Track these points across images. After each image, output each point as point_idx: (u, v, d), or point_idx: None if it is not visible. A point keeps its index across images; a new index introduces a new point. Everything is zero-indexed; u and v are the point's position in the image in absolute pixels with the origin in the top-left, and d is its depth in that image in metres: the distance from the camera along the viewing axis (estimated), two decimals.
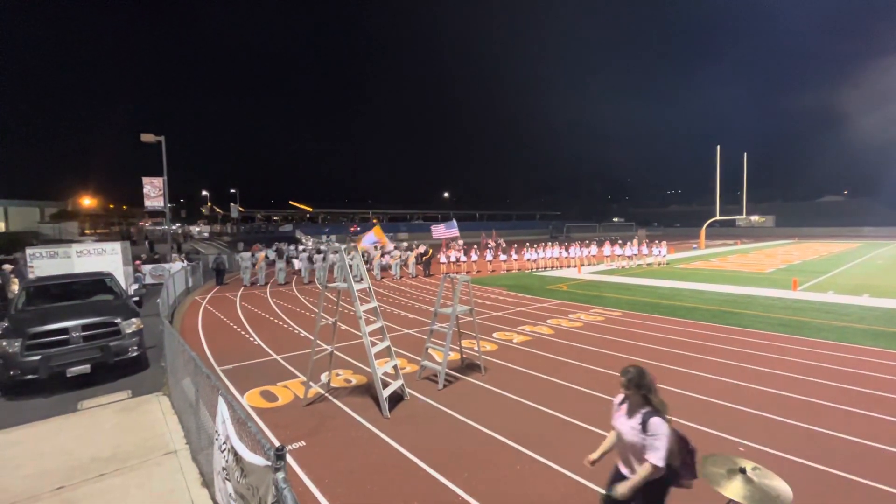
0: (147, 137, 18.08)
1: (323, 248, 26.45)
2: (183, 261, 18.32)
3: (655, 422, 2.41)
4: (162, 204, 19.42)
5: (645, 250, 22.98)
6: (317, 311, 6.08)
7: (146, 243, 34.75)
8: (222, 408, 2.89)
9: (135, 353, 7.17)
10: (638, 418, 2.50)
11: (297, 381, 6.56)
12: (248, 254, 18.90)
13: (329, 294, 13.34)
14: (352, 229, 64.16)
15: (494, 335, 9.07)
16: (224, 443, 2.77)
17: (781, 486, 2.16)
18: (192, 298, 14.98)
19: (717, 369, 6.75)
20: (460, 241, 23.94)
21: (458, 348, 7.37)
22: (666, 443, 2.37)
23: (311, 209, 71.96)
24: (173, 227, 48.03)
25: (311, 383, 5.89)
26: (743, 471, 2.24)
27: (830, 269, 19.43)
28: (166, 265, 18.45)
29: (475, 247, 22.76)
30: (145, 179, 19.20)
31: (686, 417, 5.09)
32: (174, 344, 5.39)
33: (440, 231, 25.26)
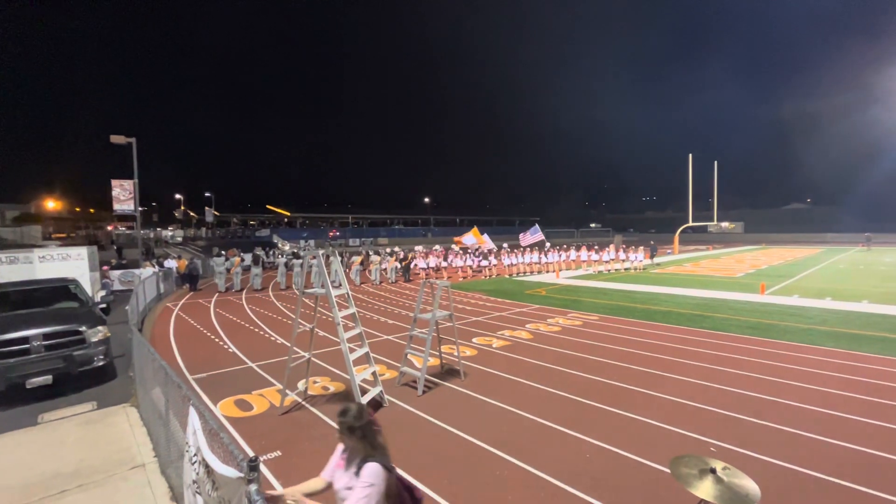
0: (117, 139, 17.49)
1: (302, 253, 26.06)
2: (154, 266, 17.72)
3: (370, 468, 2.06)
4: (132, 207, 18.79)
5: (622, 255, 23.47)
6: (294, 317, 5.97)
7: (114, 248, 33.54)
8: (193, 418, 2.80)
9: (101, 363, 6.88)
10: (354, 468, 2.11)
11: (272, 390, 6.41)
12: (223, 258, 18.45)
13: (307, 300, 13.10)
14: (331, 234, 63.51)
15: (474, 340, 9.09)
16: (195, 455, 2.68)
17: (750, 486, 2.22)
18: (163, 305, 14.51)
19: (689, 371, 6.93)
20: (438, 247, 23.97)
21: (437, 354, 7.35)
22: (375, 493, 2.01)
23: (288, 213, 70.93)
24: (144, 232, 46.52)
25: (287, 391, 5.77)
26: (713, 471, 2.30)
27: (795, 274, 20.24)
28: (136, 271, 17.83)
29: (465, 252, 22.79)
30: (115, 182, 18.55)
31: (660, 419, 5.20)
32: (143, 352, 5.21)
33: (526, 238, 25.52)
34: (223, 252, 20.22)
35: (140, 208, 19.97)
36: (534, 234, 23.46)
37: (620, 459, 4.35)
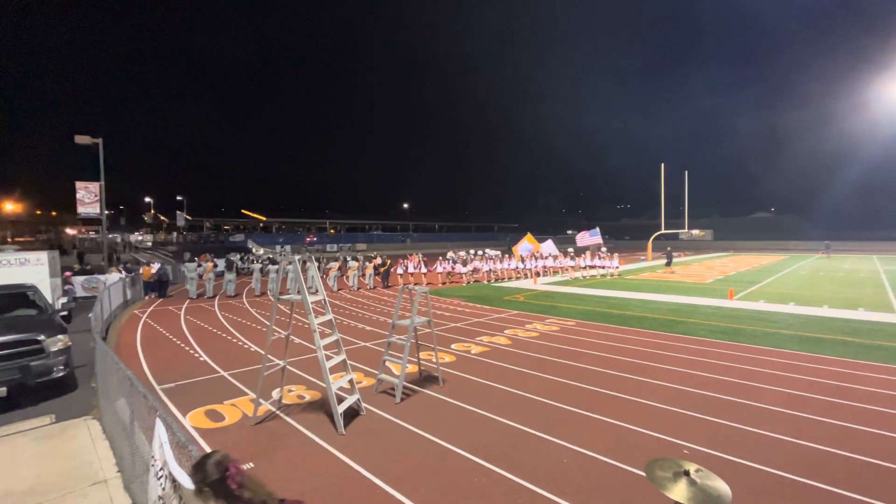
0: (82, 139, 16.85)
1: (277, 258, 25.55)
2: (121, 272, 17.03)
3: None
4: (98, 210, 18.07)
5: (598, 262, 23.92)
6: (268, 323, 5.83)
7: (75, 254, 32.06)
8: (160, 430, 2.68)
9: (60, 374, 6.55)
10: None
11: (246, 399, 6.22)
12: (195, 264, 17.91)
13: (282, 306, 12.76)
14: (308, 240, 62.56)
15: (453, 346, 9.07)
16: (161, 469, 2.56)
17: (722, 487, 2.27)
18: (130, 312, 13.95)
19: (663, 375, 7.08)
20: (419, 253, 23.93)
21: (416, 360, 7.30)
22: None
23: (264, 218, 69.54)
24: (112, 236, 44.75)
25: (261, 400, 5.61)
26: (687, 473, 2.34)
27: (761, 280, 21.05)
28: (101, 276, 17.10)
29: (442, 259, 22.76)
30: (79, 184, 17.82)
31: (635, 423, 5.28)
32: (107, 362, 4.98)
33: (584, 238, 25.37)
34: (195, 257, 19.65)
35: (106, 211, 19.22)
36: (592, 237, 23.59)
37: (597, 463, 4.40)
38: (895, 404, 5.78)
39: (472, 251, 26.79)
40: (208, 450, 4.80)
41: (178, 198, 58.65)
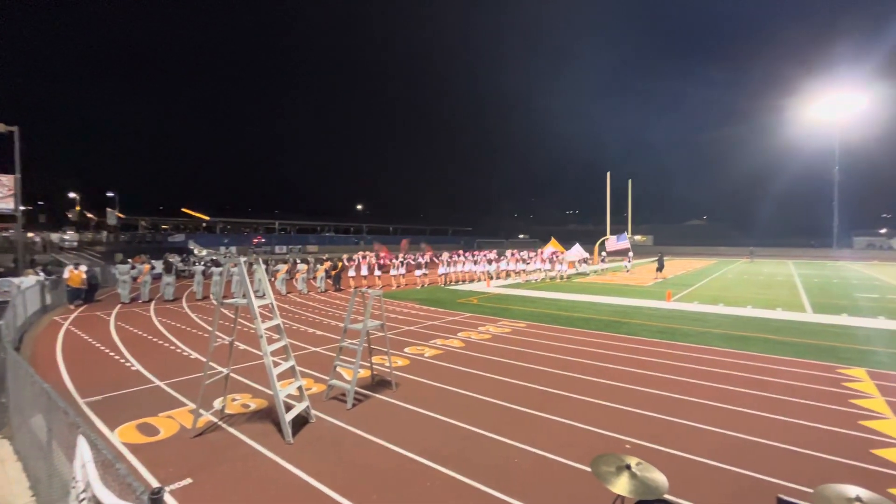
0: None
1: (222, 260, 24.26)
2: (38, 274, 15.44)
3: None
4: (13, 206, 16.32)
5: (548, 265, 24.71)
6: (211, 329, 5.51)
7: None
8: (82, 448, 2.45)
9: None
10: None
11: (184, 410, 5.83)
12: (128, 266, 16.62)
13: (226, 311, 12.16)
14: (255, 241, 59.92)
15: (406, 350, 9.01)
16: (83, 491, 2.34)
17: (659, 478, 2.41)
18: (49, 319, 12.69)
19: (608, 374, 7.42)
20: (371, 255, 23.60)
21: (368, 365, 7.17)
22: None
23: (207, 218, 65.76)
24: (29, 235, 40.53)
25: (201, 411, 5.27)
26: (629, 467, 2.47)
27: (695, 283, 22.65)
28: (15, 279, 15.41)
29: (399, 259, 22.53)
30: None
31: (582, 420, 5.50)
32: (20, 374, 4.49)
33: (613, 244, 25.08)
34: (128, 259, 18.21)
35: (22, 207, 17.40)
36: (620, 241, 23.86)
37: (546, 461, 4.52)
38: (808, 395, 6.41)
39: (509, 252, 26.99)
40: (140, 468, 4.46)
41: (109, 194, 54.15)
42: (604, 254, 28.88)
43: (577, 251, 24.44)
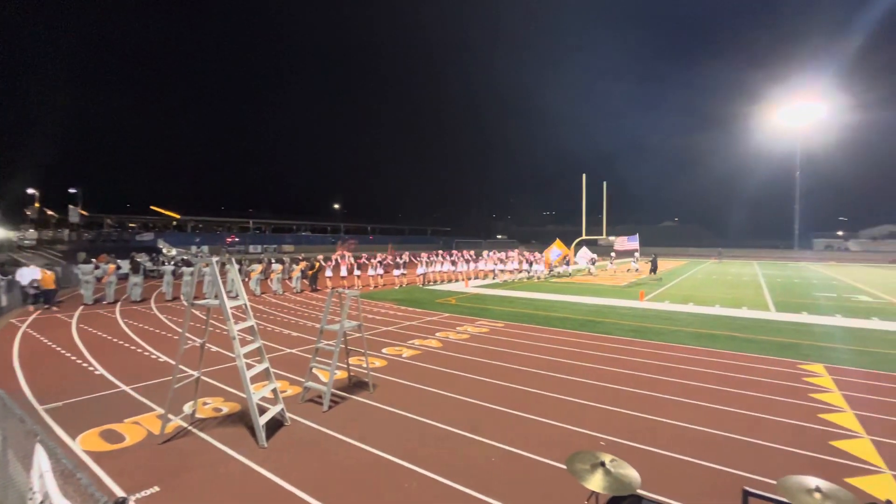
0: None
1: (193, 259, 23.54)
2: None
3: None
4: None
5: (526, 266, 24.98)
6: (181, 331, 5.33)
7: None
8: (40, 457, 2.33)
9: None
10: None
11: (152, 416, 5.63)
12: (91, 265, 15.94)
13: (197, 312, 11.82)
14: (229, 240, 58.43)
15: (384, 351, 8.94)
16: (42, 502, 2.22)
17: (632, 474, 2.47)
18: (5, 322, 12.03)
19: (583, 373, 7.56)
20: (351, 256, 23.37)
21: (345, 366, 7.09)
22: None
23: (178, 216, 63.73)
24: None
25: (170, 416, 5.10)
26: (603, 464, 2.51)
27: (666, 283, 23.32)
28: None
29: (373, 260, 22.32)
30: None
31: (557, 419, 5.57)
32: None
33: (623, 243, 24.99)
34: (92, 258, 17.46)
35: None
36: (631, 241, 24.11)
37: (523, 460, 4.57)
38: (771, 391, 6.68)
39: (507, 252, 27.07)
40: (104, 477, 4.29)
41: (72, 190, 51.78)
42: (613, 254, 29.65)
43: (585, 253, 24.91)
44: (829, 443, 4.98)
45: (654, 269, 25.96)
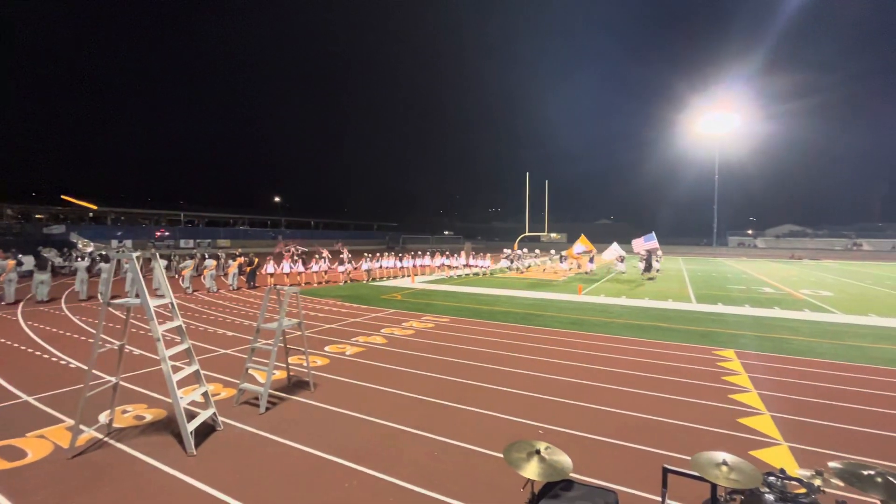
0: None
1: (112, 254, 21.49)
2: None
3: None
4: None
5: (472, 261, 25.37)
6: (95, 332, 4.85)
7: None
8: None
9: None
10: None
11: (60, 428, 5.09)
12: None
13: (116, 311, 10.88)
14: (157, 234, 54.08)
15: (326, 349, 8.71)
16: None
17: (565, 460, 2.59)
18: None
19: (524, 364, 7.82)
20: (293, 249, 22.45)
21: (284, 366, 6.82)
22: None
23: (95, 207, 57.86)
24: None
25: (82, 427, 4.63)
26: (538, 452, 2.61)
27: (602, 277, 24.70)
28: None
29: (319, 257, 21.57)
30: None
31: (499, 410, 5.73)
32: None
33: (639, 244, 23.82)
34: None
35: None
36: (647, 241, 23.49)
37: (466, 452, 4.64)
38: (689, 375, 7.30)
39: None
40: (0, 499, 3.82)
41: None
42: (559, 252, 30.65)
43: (616, 249, 25.20)
44: (736, 420, 5.53)
45: (647, 268, 23.67)
